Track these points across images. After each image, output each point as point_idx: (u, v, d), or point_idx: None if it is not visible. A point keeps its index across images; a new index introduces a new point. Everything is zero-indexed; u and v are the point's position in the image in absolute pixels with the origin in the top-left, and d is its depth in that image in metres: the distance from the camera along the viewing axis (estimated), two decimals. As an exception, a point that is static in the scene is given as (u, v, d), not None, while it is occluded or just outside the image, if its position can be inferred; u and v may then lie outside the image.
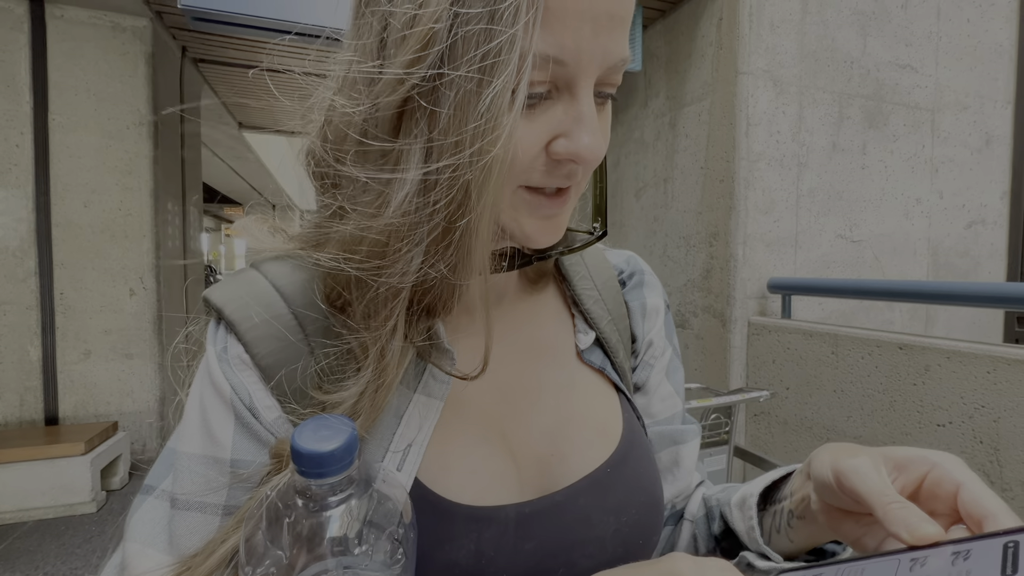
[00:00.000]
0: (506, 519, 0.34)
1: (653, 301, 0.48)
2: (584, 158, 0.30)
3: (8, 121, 2.77)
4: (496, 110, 0.26)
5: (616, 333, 0.44)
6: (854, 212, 2.72)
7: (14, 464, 2.43)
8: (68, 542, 2.27)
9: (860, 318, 2.70)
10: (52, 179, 2.85)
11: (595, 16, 0.27)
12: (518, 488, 0.36)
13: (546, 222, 0.33)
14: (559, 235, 0.34)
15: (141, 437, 3.08)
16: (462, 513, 0.33)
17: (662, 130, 2.99)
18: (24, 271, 2.82)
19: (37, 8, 2.78)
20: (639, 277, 0.48)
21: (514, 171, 0.30)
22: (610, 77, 0.31)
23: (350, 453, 0.24)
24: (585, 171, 0.32)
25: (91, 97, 2.90)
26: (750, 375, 2.49)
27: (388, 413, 0.34)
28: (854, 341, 2.01)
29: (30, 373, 2.85)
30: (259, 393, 0.32)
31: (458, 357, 0.35)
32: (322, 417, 0.26)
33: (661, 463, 0.47)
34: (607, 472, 0.38)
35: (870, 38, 2.70)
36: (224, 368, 0.32)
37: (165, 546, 0.31)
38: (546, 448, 0.38)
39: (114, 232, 2.97)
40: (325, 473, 0.23)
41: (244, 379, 0.32)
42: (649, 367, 0.47)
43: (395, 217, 0.29)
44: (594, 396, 0.42)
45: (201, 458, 0.32)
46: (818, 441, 2.16)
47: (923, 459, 0.29)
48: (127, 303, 3.00)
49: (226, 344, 0.33)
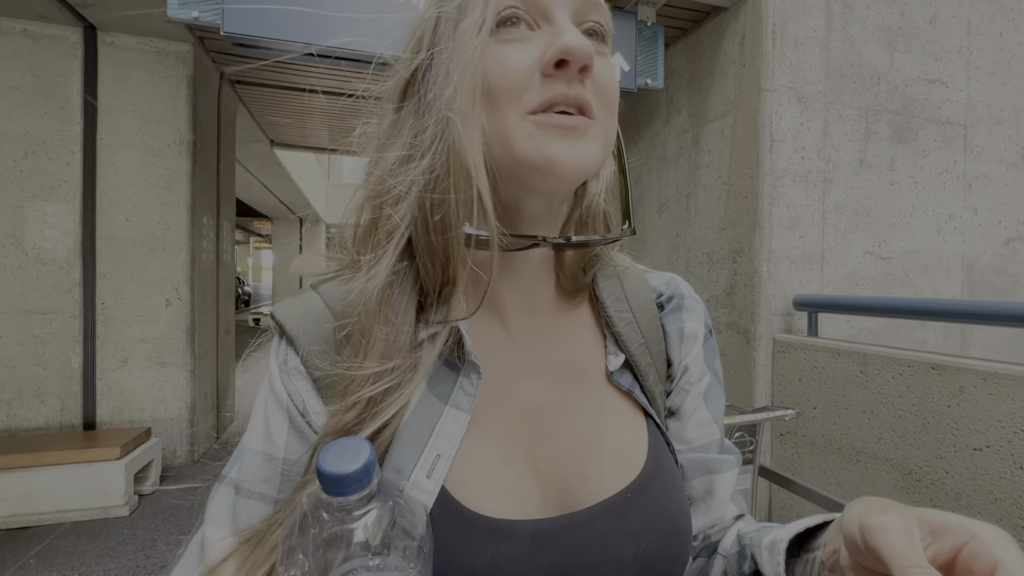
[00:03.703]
0: (523, 533, 0.35)
1: (692, 326, 0.46)
2: (572, 50, 0.31)
3: (60, 141, 2.94)
4: (465, 38, 0.33)
5: (648, 356, 0.43)
6: (883, 228, 2.66)
7: (54, 467, 2.53)
8: (102, 544, 2.34)
9: (891, 337, 2.63)
10: (98, 195, 3.01)
11: None
12: (540, 505, 0.37)
13: (563, 141, 0.33)
14: (583, 159, 0.33)
15: (172, 443, 3.17)
16: (481, 523, 0.34)
17: (684, 146, 3.00)
18: (69, 281, 2.96)
19: (90, 35, 2.97)
20: (678, 301, 0.47)
21: (510, 98, 0.33)
22: (588, 14, 0.35)
23: (368, 474, 0.26)
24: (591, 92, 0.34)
25: (136, 118, 3.07)
26: (775, 393, 2.45)
27: (422, 424, 0.36)
28: (884, 360, 1.96)
29: (71, 379, 2.98)
30: (311, 400, 0.37)
31: (484, 370, 0.38)
32: (346, 439, 0.28)
33: (694, 491, 0.46)
34: (627, 497, 0.38)
35: (897, 53, 2.68)
36: (283, 377, 0.37)
37: (231, 529, 0.36)
38: (570, 467, 0.38)
39: (153, 245, 3.10)
40: (346, 492, 0.26)
41: (299, 387, 0.37)
42: (684, 392, 0.46)
43: (392, 167, 0.36)
44: (621, 419, 0.42)
45: (260, 454, 0.37)
46: (847, 463, 2.10)
47: (962, 528, 0.26)
48: (163, 313, 3.12)
49: (286, 356, 0.38)
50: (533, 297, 0.42)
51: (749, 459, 1.64)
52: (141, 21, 2.87)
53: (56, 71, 2.92)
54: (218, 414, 3.85)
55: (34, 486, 2.50)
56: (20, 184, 2.88)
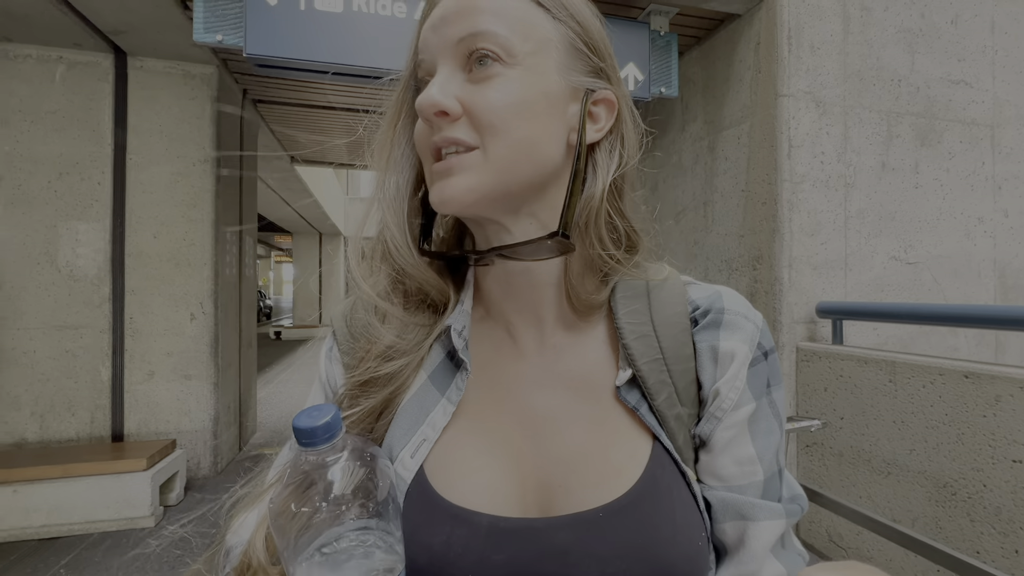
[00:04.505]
0: (478, 524, 0.37)
1: (728, 345, 0.40)
2: (419, 108, 0.37)
3: (92, 162, 3.06)
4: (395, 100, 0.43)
5: (663, 373, 0.40)
6: (909, 233, 2.60)
7: (84, 478, 2.60)
8: (129, 555, 2.39)
9: (920, 344, 2.55)
10: (127, 213, 3.11)
11: (431, 23, 0.39)
12: (518, 506, 0.38)
13: (440, 180, 0.38)
14: (444, 193, 0.37)
15: (196, 455, 3.23)
16: (443, 507, 0.37)
17: (700, 154, 2.98)
18: (100, 297, 3.06)
19: (121, 61, 3.09)
20: (715, 316, 0.41)
21: (422, 151, 0.40)
22: (474, 43, 0.37)
23: (331, 429, 0.32)
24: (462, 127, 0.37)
25: (163, 138, 3.17)
26: (800, 403, 2.39)
27: (418, 410, 0.41)
28: (914, 369, 1.90)
29: (101, 392, 3.06)
30: (340, 380, 0.45)
31: (481, 373, 0.42)
32: (320, 405, 0.34)
33: (726, 537, 0.40)
34: (598, 516, 0.36)
35: (918, 55, 2.63)
36: (325, 361, 0.47)
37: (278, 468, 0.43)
38: (554, 477, 0.38)
39: (178, 260, 3.19)
40: (315, 443, 0.32)
41: (334, 370, 0.46)
42: (715, 420, 0.40)
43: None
44: (619, 436, 0.39)
45: None
46: (878, 475, 2.03)
47: None
48: (187, 327, 3.20)
49: (331, 345, 0.47)
50: (536, 311, 0.43)
51: (774, 471, 1.60)
52: (168, 45, 2.98)
53: (88, 95, 3.05)
54: (241, 426, 3.91)
55: (65, 497, 2.57)
56: (54, 204, 3.00)
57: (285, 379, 7.14)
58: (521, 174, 0.37)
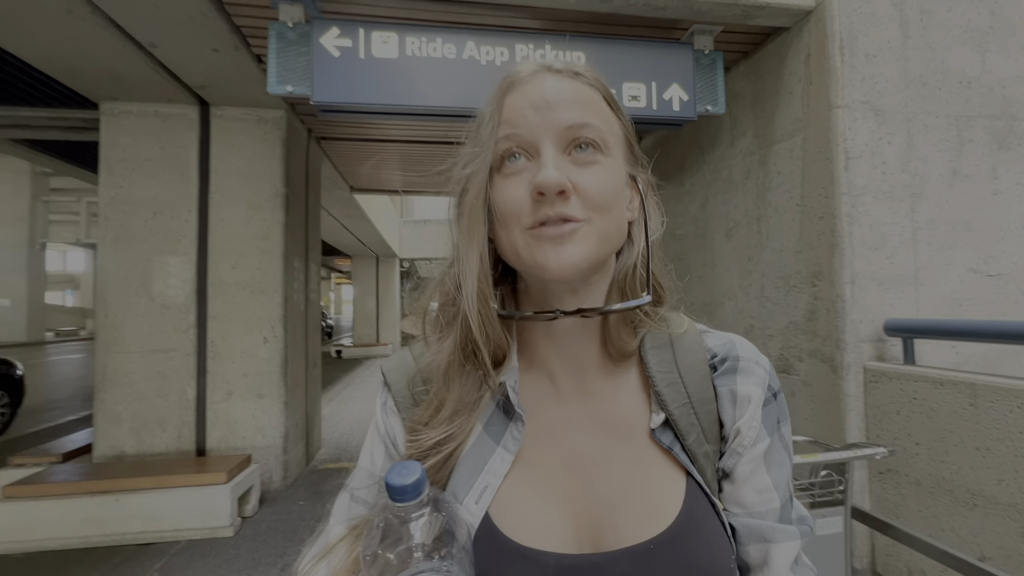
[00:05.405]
0: (545, 563, 0.40)
1: (745, 389, 0.46)
2: (542, 184, 0.40)
3: (180, 201, 3.42)
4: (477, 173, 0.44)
5: (692, 416, 0.46)
6: (988, 243, 2.42)
7: (173, 489, 2.86)
8: (212, 562, 2.59)
9: (1007, 364, 2.35)
10: (209, 246, 3.44)
11: (533, 103, 0.43)
12: (572, 543, 0.42)
13: (552, 248, 0.41)
14: (567, 258, 0.41)
15: (268, 469, 3.46)
16: (512, 548, 0.41)
17: (751, 168, 2.92)
18: (186, 323, 3.38)
19: (204, 111, 3.46)
20: (731, 363, 0.47)
21: (513, 218, 0.43)
22: (577, 133, 0.42)
23: (418, 487, 0.36)
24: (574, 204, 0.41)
25: (240, 177, 3.50)
26: (870, 427, 2.25)
27: (477, 459, 0.45)
28: (998, 392, 1.76)
29: (187, 410, 3.36)
30: (399, 433, 0.49)
31: (528, 420, 0.46)
32: (407, 462, 0.38)
33: (750, 558, 0.46)
34: (650, 548, 0.41)
35: (990, 54, 2.47)
36: (382, 414, 0.50)
37: (346, 523, 0.47)
38: (602, 514, 0.43)
39: (253, 288, 3.48)
40: (404, 499, 0.36)
41: (392, 423, 0.49)
42: (737, 455, 0.46)
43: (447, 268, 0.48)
44: (657, 474, 0.44)
45: (366, 470, 0.49)
46: (962, 507, 1.88)
47: None
48: (261, 349, 3.47)
49: (386, 399, 0.50)
50: (578, 360, 0.48)
51: (839, 499, 1.53)
52: (244, 95, 3.31)
53: (178, 143, 3.43)
54: (307, 442, 4.14)
55: (157, 506, 2.83)
56: (150, 241, 3.37)
57: (346, 396, 7.46)
58: (614, 245, 0.45)
